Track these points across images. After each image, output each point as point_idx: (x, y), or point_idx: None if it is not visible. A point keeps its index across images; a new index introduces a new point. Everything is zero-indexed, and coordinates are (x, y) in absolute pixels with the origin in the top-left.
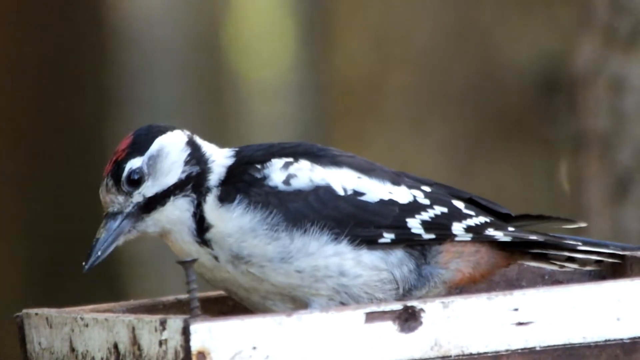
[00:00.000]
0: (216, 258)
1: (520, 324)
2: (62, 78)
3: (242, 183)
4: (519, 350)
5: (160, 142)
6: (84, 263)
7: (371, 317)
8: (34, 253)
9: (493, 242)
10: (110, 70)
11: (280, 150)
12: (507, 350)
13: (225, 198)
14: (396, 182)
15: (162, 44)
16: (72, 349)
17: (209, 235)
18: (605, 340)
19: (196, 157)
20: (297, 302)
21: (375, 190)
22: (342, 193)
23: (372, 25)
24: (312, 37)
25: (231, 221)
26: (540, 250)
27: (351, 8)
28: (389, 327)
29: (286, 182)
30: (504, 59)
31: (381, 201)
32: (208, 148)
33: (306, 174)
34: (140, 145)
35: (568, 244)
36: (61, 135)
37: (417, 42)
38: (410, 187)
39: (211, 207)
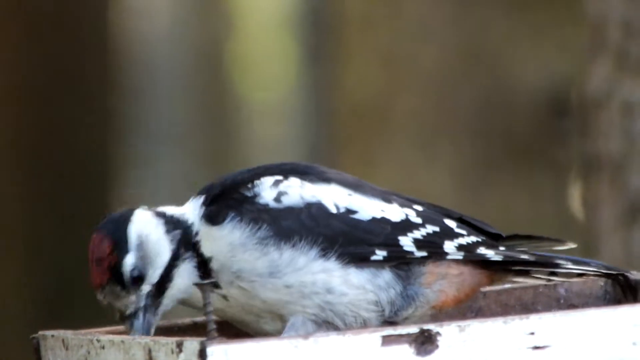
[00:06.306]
0: (225, 297)
1: (536, 347)
2: (66, 98)
3: (233, 201)
4: None
5: (134, 230)
6: None
7: (388, 340)
8: (39, 278)
9: (476, 262)
10: (113, 90)
11: (267, 170)
12: None
13: (216, 218)
14: (387, 200)
15: (165, 65)
16: None
17: (214, 273)
18: None
19: (170, 222)
20: (285, 321)
21: (367, 208)
22: (334, 211)
23: (380, 47)
24: (317, 59)
25: (222, 239)
26: (524, 267)
27: (358, 29)
28: (406, 351)
29: (277, 199)
30: (512, 82)
31: (373, 219)
32: (172, 210)
33: (297, 190)
34: (120, 243)
35: (557, 263)
36: (64, 155)
37: (426, 64)
38: (401, 205)
39: (205, 237)
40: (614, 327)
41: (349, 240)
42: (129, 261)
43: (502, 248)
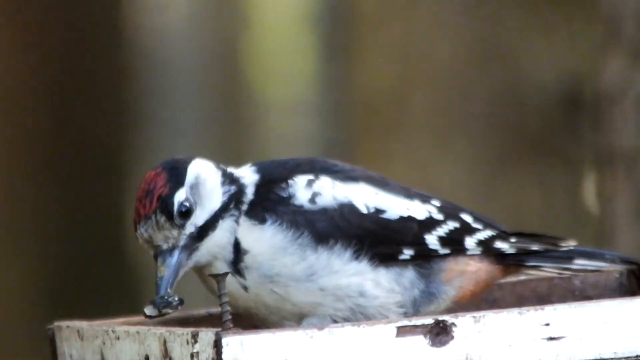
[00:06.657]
0: (245, 288)
1: (551, 338)
2: (81, 92)
3: (270, 202)
4: None
5: (194, 170)
6: (148, 308)
7: (402, 331)
8: (53, 270)
9: (492, 256)
10: (128, 87)
11: (297, 167)
12: None
13: (257, 218)
14: (409, 196)
15: (180, 61)
16: None
17: (243, 263)
18: (636, 356)
19: (228, 177)
20: None
21: (395, 207)
22: (365, 211)
23: (395, 43)
24: (333, 54)
25: (265, 241)
26: (536, 263)
27: (373, 25)
28: (420, 341)
29: (312, 200)
30: (526, 77)
31: (401, 218)
32: (232, 169)
33: (329, 191)
34: (177, 177)
35: (570, 257)
36: (78, 149)
37: (440, 59)
38: (423, 202)
39: (246, 231)
40: (628, 318)
41: (379, 241)
42: (182, 194)
43: (512, 240)
